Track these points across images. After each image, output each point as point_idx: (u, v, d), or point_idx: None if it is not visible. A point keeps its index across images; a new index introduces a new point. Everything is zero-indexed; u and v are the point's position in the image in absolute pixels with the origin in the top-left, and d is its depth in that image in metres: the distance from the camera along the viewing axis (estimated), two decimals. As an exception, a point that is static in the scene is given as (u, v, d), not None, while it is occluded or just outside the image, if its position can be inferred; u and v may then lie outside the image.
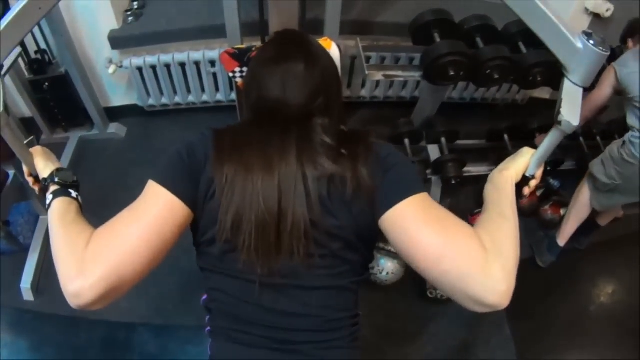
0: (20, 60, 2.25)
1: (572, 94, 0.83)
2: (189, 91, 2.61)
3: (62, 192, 0.90)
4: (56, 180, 0.91)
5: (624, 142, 1.98)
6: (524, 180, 0.96)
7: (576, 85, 0.83)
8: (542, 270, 2.33)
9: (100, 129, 2.62)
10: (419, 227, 0.80)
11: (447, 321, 2.09)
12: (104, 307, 0.76)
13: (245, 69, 1.42)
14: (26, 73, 2.33)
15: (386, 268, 2.02)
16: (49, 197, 0.89)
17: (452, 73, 1.93)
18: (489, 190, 0.94)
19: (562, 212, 2.42)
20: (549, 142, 0.91)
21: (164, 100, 2.63)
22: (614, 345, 2.12)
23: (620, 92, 2.01)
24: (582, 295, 2.32)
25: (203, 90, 2.61)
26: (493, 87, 2.69)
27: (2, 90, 0.86)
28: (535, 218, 2.52)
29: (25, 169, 1.00)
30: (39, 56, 2.31)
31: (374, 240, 0.94)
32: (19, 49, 2.06)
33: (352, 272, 0.93)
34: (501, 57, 1.94)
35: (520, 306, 2.11)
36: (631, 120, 1.97)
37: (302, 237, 0.83)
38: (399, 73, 2.05)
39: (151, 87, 2.53)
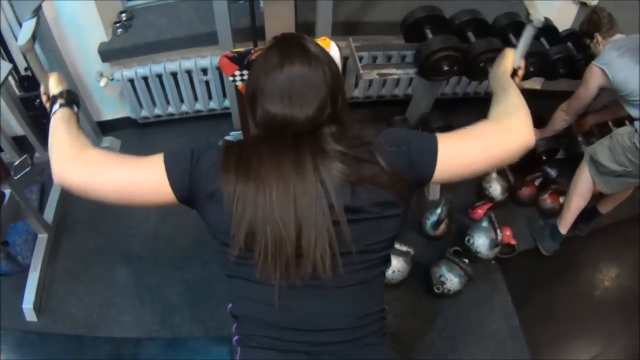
0: (10, 78, 2.23)
1: (531, 2, 1.17)
2: (181, 101, 2.59)
3: (67, 104, 1.09)
4: (64, 96, 1.10)
5: (635, 130, 1.94)
6: (514, 72, 1.23)
7: None
8: (546, 259, 2.34)
9: (94, 143, 2.57)
10: (461, 154, 0.95)
11: (456, 315, 2.09)
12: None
13: (245, 72, 1.41)
14: (17, 91, 2.30)
15: (392, 266, 2.02)
16: (55, 106, 1.08)
17: (446, 68, 1.94)
18: (492, 82, 1.21)
19: (561, 200, 2.43)
20: (525, 39, 1.23)
21: (157, 111, 2.61)
22: (621, 329, 2.14)
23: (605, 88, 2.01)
24: (587, 281, 2.33)
25: (196, 99, 2.60)
26: (487, 79, 2.70)
27: (35, 25, 1.13)
28: (534, 207, 2.53)
29: (42, 88, 1.18)
30: (29, 73, 2.28)
31: (401, 230, 0.97)
32: (9, 66, 2.03)
33: (377, 266, 0.95)
34: (494, 49, 1.96)
35: (527, 296, 2.15)
36: (633, 112, 1.96)
37: (326, 249, 0.84)
38: (393, 71, 2.06)
39: (143, 98, 2.51)
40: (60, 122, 1.03)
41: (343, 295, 0.91)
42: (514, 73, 1.23)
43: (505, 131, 0.96)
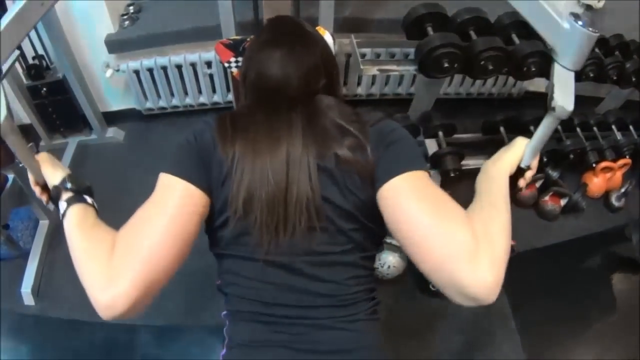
0: (18, 66, 2.27)
1: (563, 79, 0.81)
2: (186, 93, 2.63)
3: (77, 199, 0.86)
4: (69, 187, 0.88)
5: None
6: (519, 172, 0.94)
7: (566, 69, 0.81)
8: (545, 262, 2.31)
9: (99, 133, 2.63)
10: (410, 203, 0.79)
11: (451, 315, 2.07)
12: (136, 314, 0.74)
13: (240, 58, 1.44)
14: (24, 79, 2.35)
15: (388, 262, 2.02)
16: (63, 205, 0.85)
17: (446, 65, 1.94)
18: (482, 181, 0.92)
19: (561, 202, 2.41)
20: (543, 129, 0.88)
21: (162, 103, 2.64)
22: (620, 336, 2.10)
23: None
24: (586, 285, 2.30)
25: (200, 92, 2.63)
26: (488, 78, 2.69)
27: (3, 94, 0.81)
28: (534, 209, 2.51)
29: (31, 177, 0.94)
30: (36, 61, 2.32)
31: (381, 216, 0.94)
32: (16, 53, 2.07)
33: (360, 248, 0.94)
34: (495, 47, 1.95)
35: (524, 298, 2.12)
36: None
37: (304, 210, 0.84)
38: (394, 67, 2.05)
39: (148, 90, 2.54)
40: (76, 229, 0.81)
41: (328, 273, 0.91)
42: (520, 173, 0.93)
43: (471, 256, 0.72)
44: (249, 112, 0.94)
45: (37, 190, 0.96)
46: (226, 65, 1.46)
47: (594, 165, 2.50)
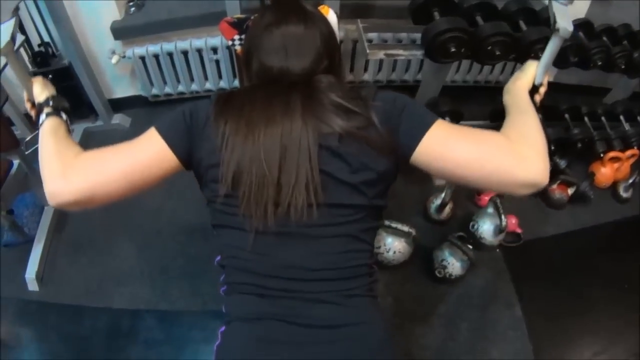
0: (23, 53, 2.27)
1: (561, 11, 1.01)
2: (192, 80, 2.62)
3: (55, 113, 1.01)
4: (51, 103, 1.02)
5: None
6: (534, 89, 1.09)
7: (562, 3, 1.02)
8: (552, 251, 2.29)
9: (105, 120, 2.63)
10: (452, 147, 0.87)
11: (456, 301, 2.06)
12: (73, 210, 0.88)
13: (244, 36, 1.44)
14: (30, 66, 2.35)
15: (393, 247, 2.00)
16: (42, 116, 1.00)
17: (453, 50, 1.92)
18: (507, 99, 1.07)
19: (569, 191, 2.39)
20: (550, 50, 1.06)
21: (168, 90, 2.64)
22: (627, 325, 2.07)
23: None
24: (593, 275, 2.27)
25: (206, 78, 2.62)
26: (494, 64, 2.67)
27: (14, 24, 1.07)
28: (542, 197, 2.48)
29: (25, 94, 1.13)
30: (42, 49, 2.33)
31: (386, 188, 0.96)
32: (22, 39, 2.07)
33: (361, 221, 0.93)
34: (502, 33, 1.94)
35: (531, 287, 2.10)
36: None
37: (302, 190, 0.85)
38: (400, 52, 2.04)
39: (154, 76, 2.54)
40: (48, 134, 0.95)
41: (324, 246, 0.91)
42: (535, 90, 1.08)
43: (517, 154, 0.85)
44: (248, 91, 0.95)
45: (28, 105, 1.13)
46: (230, 43, 1.46)
47: (602, 154, 2.47)
